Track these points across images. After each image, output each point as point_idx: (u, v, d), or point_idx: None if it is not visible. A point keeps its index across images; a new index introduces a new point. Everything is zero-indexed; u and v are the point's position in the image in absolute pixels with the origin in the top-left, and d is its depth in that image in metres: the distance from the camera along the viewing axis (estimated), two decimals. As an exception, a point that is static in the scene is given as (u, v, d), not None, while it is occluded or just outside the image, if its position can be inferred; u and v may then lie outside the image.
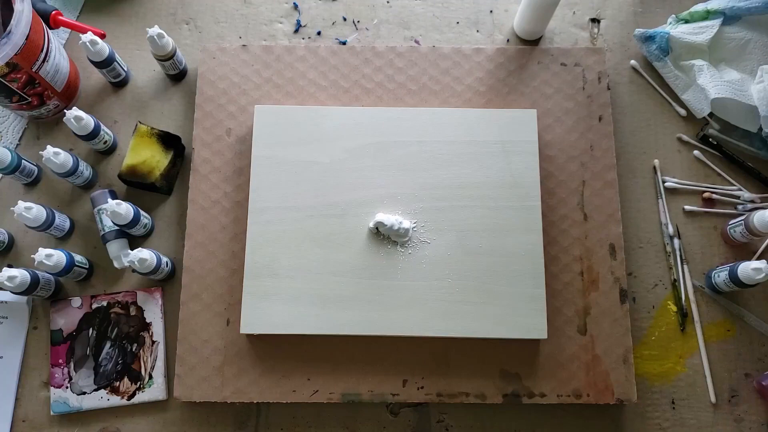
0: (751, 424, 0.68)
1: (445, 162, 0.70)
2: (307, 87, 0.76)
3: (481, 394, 0.66)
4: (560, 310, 0.68)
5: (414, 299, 0.66)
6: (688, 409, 0.69)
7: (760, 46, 0.77)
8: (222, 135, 0.74)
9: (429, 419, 0.68)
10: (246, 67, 0.76)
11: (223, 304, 0.69)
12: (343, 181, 0.69)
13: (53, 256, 0.65)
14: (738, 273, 0.65)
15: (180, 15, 0.82)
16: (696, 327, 0.70)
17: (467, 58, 0.77)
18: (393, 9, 0.82)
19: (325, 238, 0.68)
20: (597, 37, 0.81)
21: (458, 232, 0.68)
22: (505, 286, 0.66)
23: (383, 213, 0.68)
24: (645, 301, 0.72)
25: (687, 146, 0.77)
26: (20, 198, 0.72)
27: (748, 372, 0.69)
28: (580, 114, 0.74)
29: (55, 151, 0.67)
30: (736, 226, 0.70)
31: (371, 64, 0.76)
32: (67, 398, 0.68)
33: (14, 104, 0.72)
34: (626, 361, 0.67)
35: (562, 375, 0.67)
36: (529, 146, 0.70)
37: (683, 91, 0.77)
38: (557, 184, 0.72)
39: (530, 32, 0.79)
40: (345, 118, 0.71)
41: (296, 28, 0.81)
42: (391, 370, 0.67)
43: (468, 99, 0.75)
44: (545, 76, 0.76)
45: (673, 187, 0.75)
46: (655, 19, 0.81)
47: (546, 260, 0.68)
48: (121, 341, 0.70)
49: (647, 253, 0.73)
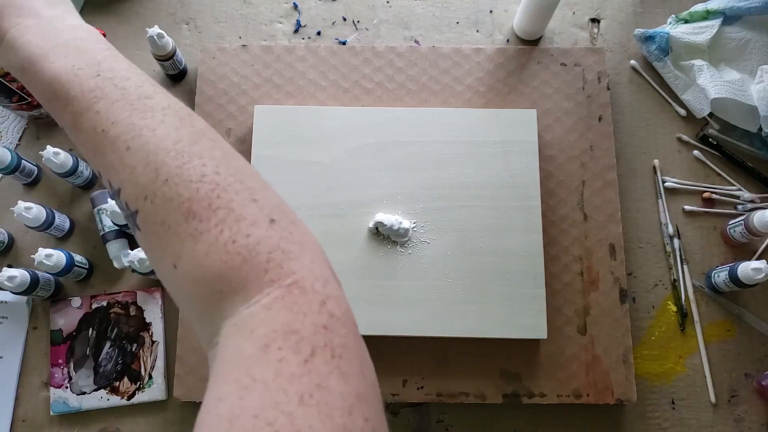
0: (751, 424, 0.68)
1: (445, 162, 0.70)
2: (307, 87, 0.76)
3: (481, 394, 0.66)
4: (560, 310, 0.68)
5: (414, 299, 0.66)
6: (688, 409, 0.69)
7: (760, 46, 0.77)
8: (222, 135, 0.73)
9: (429, 419, 0.68)
10: (246, 67, 0.76)
11: (223, 304, 0.69)
12: (343, 181, 0.69)
13: (53, 256, 0.65)
14: (738, 273, 0.65)
15: (180, 15, 0.82)
16: (696, 327, 0.70)
17: (467, 58, 0.77)
18: (393, 9, 0.82)
19: (325, 238, 0.67)
20: (597, 37, 0.81)
21: (458, 232, 0.68)
22: (505, 286, 0.66)
23: (383, 213, 0.68)
24: (645, 301, 0.72)
25: (687, 146, 0.77)
26: (20, 198, 0.71)
27: (748, 372, 0.69)
28: (579, 114, 0.74)
29: (54, 151, 0.67)
30: (736, 226, 0.70)
31: (371, 64, 0.76)
32: (67, 398, 0.68)
33: (14, 104, 0.72)
34: (626, 361, 0.67)
35: (562, 375, 0.67)
36: (529, 146, 0.70)
37: (683, 91, 0.77)
38: (557, 184, 0.72)
39: (530, 32, 0.79)
40: (345, 118, 0.71)
41: (296, 28, 0.81)
42: (391, 370, 0.67)
43: (468, 99, 0.75)
44: (545, 76, 0.76)
45: (673, 187, 0.75)
46: (655, 19, 0.81)
47: (546, 260, 0.68)
48: (121, 341, 0.70)
49: (647, 253, 0.73)
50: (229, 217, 0.30)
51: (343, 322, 0.29)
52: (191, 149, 0.32)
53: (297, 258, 0.31)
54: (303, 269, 0.30)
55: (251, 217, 0.31)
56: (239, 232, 0.30)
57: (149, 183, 0.31)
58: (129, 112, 0.33)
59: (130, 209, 0.32)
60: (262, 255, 0.30)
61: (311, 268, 0.31)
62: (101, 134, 0.33)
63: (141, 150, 0.32)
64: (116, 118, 0.33)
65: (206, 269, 0.30)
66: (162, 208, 0.31)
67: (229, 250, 0.30)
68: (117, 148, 0.32)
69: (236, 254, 0.30)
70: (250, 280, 0.29)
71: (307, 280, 0.30)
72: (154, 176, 0.31)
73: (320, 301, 0.29)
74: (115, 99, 0.33)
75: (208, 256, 0.30)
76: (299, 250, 0.31)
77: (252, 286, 0.29)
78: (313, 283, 0.30)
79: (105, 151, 0.33)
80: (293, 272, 0.30)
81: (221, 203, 0.31)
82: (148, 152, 0.32)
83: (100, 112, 0.33)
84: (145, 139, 0.32)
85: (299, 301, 0.29)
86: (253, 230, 0.30)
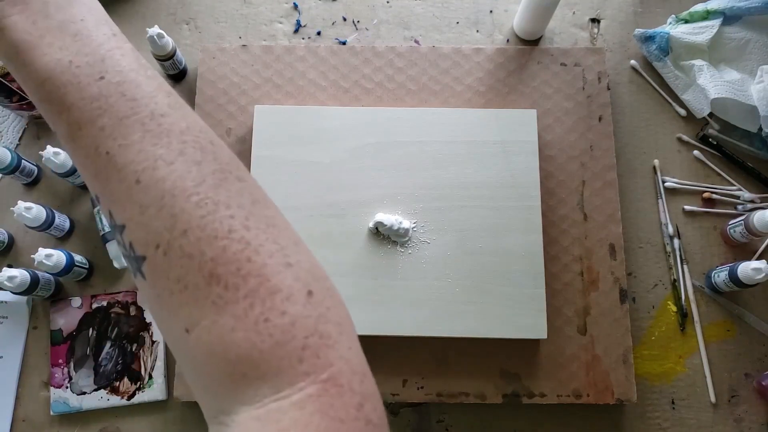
0: (751, 424, 0.68)
1: (445, 162, 0.70)
2: (307, 87, 0.76)
3: (481, 394, 0.66)
4: (560, 310, 0.68)
5: (414, 299, 0.66)
6: (688, 409, 0.69)
7: (760, 46, 0.77)
8: (222, 135, 0.74)
9: (429, 419, 0.68)
10: (246, 67, 0.76)
11: (223, 304, 0.69)
12: (343, 181, 0.69)
13: (53, 256, 0.65)
14: (738, 273, 0.65)
15: (180, 15, 0.82)
16: (696, 327, 0.70)
17: (467, 58, 0.77)
18: (393, 9, 0.82)
19: (325, 238, 0.68)
20: (597, 37, 0.81)
21: (458, 232, 0.68)
22: (505, 286, 0.66)
23: (383, 213, 0.68)
24: (645, 301, 0.72)
25: (687, 146, 0.77)
26: (20, 198, 0.71)
27: (748, 372, 0.69)
28: (580, 114, 0.74)
29: (55, 151, 0.67)
30: (736, 226, 0.70)
31: (371, 64, 0.76)
32: (67, 398, 0.68)
33: (14, 104, 0.72)
34: (626, 361, 0.67)
35: (562, 375, 0.67)
36: (528, 146, 0.70)
37: (683, 91, 0.77)
38: (557, 184, 0.72)
39: (530, 32, 0.79)
40: (345, 118, 0.71)
41: (296, 28, 0.81)
42: (391, 370, 0.67)
43: (468, 99, 0.75)
44: (545, 76, 0.76)
45: (673, 187, 0.75)
46: (655, 19, 0.81)
47: (546, 260, 0.68)
48: (121, 341, 0.70)
49: (647, 253, 0.73)
50: (262, 288, 0.26)
51: (380, 428, 0.26)
52: (217, 195, 0.27)
53: (335, 345, 0.26)
54: (341, 360, 0.26)
55: (287, 289, 0.26)
56: (273, 309, 0.26)
57: (164, 231, 0.26)
58: (141, 135, 0.27)
59: (135, 252, 0.27)
60: (298, 340, 0.26)
61: (349, 359, 0.27)
62: (105, 157, 0.28)
63: (154, 187, 0.27)
64: (124, 140, 0.27)
65: (229, 346, 0.25)
66: (178, 265, 0.26)
67: (260, 330, 0.25)
68: (124, 179, 0.27)
69: (268, 336, 0.25)
70: (282, 368, 0.25)
71: (345, 376, 0.26)
72: (170, 224, 0.26)
73: (358, 404, 0.25)
74: (123, 114, 0.28)
75: (234, 333, 0.25)
76: (338, 333, 0.27)
77: (284, 376, 0.25)
78: (351, 380, 0.26)
79: (109, 178, 0.28)
80: (331, 364, 0.26)
81: (252, 268, 0.26)
82: (164, 192, 0.27)
83: (104, 129, 0.28)
84: (160, 173, 0.27)
85: (336, 404, 0.25)
86: (289, 306, 0.26)
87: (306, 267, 0.28)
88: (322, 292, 0.28)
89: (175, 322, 0.27)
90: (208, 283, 0.26)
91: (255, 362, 0.25)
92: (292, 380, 0.25)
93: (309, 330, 0.26)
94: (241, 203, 0.27)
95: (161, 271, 0.27)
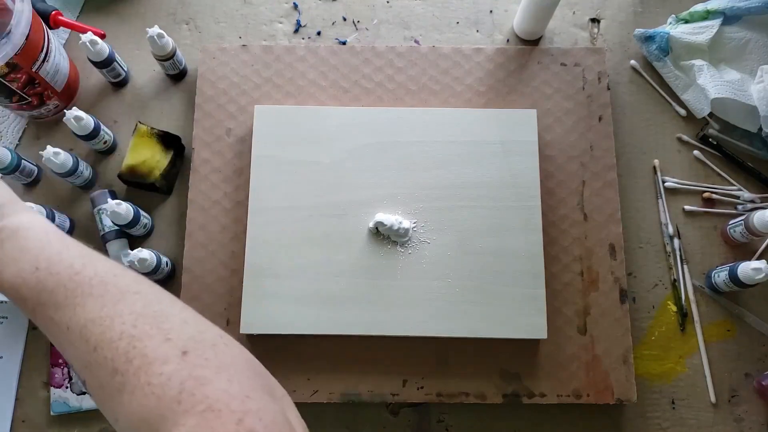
0: (751, 424, 0.68)
1: (445, 162, 0.70)
2: (307, 87, 0.76)
3: (481, 394, 0.66)
4: (560, 310, 0.68)
5: (414, 299, 0.66)
6: (688, 409, 0.69)
7: (760, 46, 0.77)
8: (222, 135, 0.74)
9: (429, 419, 0.68)
10: (246, 67, 0.76)
11: (223, 304, 0.69)
12: (343, 181, 0.69)
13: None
14: (738, 273, 0.65)
15: (180, 15, 0.82)
16: (696, 327, 0.70)
17: (467, 58, 0.77)
18: (393, 9, 0.82)
19: (325, 238, 0.68)
20: (597, 37, 0.81)
21: (458, 232, 0.68)
22: (505, 286, 0.66)
23: (383, 213, 0.68)
24: (645, 301, 0.72)
25: (687, 146, 0.77)
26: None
27: (748, 372, 0.69)
28: (580, 114, 0.74)
29: (55, 151, 0.67)
30: (736, 226, 0.70)
31: (371, 64, 0.76)
32: (67, 398, 0.68)
33: (14, 104, 0.72)
34: (626, 361, 0.67)
35: (562, 375, 0.67)
36: (529, 146, 0.70)
37: (683, 91, 0.77)
38: (557, 184, 0.72)
39: (530, 32, 0.79)
40: (345, 118, 0.71)
41: (296, 28, 0.81)
42: (391, 370, 0.67)
43: (468, 99, 0.75)
44: (545, 76, 0.76)
45: (673, 187, 0.75)
46: (655, 19, 0.81)
47: (546, 260, 0.68)
48: (121, 341, 0.70)
49: (647, 253, 0.73)
50: (144, 363, 0.33)
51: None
52: (114, 311, 0.35)
53: (211, 382, 0.32)
54: (218, 392, 0.31)
55: (163, 356, 0.33)
56: (153, 373, 0.32)
57: (85, 354, 0.35)
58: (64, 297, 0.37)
59: (81, 379, 0.36)
60: (174, 388, 0.31)
61: (227, 388, 0.32)
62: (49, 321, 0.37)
63: (76, 326, 0.36)
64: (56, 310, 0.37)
65: (132, 416, 0.32)
66: (96, 374, 0.34)
67: (146, 393, 0.31)
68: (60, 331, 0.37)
69: (151, 394, 0.31)
70: (165, 415, 0.30)
71: (222, 401, 0.31)
72: (87, 348, 0.35)
73: (237, 420, 0.30)
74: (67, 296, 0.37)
75: (131, 404, 0.32)
76: (215, 373, 0.32)
77: (168, 420, 0.30)
78: (229, 403, 0.31)
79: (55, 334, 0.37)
80: (207, 396, 0.31)
81: (137, 353, 0.33)
82: (81, 327, 0.35)
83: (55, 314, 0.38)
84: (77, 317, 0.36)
85: (215, 425, 0.29)
86: (165, 368, 0.32)
87: (187, 335, 0.35)
88: (201, 348, 0.34)
89: (109, 415, 0.34)
90: (113, 376, 0.33)
91: (147, 419, 0.31)
92: (176, 420, 0.30)
93: (183, 378, 0.31)
94: (133, 310, 0.36)
95: (91, 384, 0.35)
